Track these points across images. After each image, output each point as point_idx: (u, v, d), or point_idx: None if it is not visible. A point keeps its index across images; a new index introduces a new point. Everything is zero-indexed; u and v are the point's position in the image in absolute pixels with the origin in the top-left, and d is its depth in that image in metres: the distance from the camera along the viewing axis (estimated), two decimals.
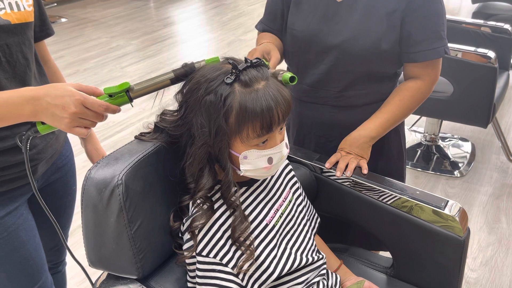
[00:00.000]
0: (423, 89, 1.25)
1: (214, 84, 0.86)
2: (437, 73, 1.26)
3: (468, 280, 1.94)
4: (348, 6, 1.20)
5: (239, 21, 5.26)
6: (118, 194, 0.88)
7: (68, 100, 0.82)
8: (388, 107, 1.26)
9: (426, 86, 1.25)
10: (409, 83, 1.26)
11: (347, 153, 1.25)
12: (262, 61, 0.90)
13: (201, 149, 0.90)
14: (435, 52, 1.20)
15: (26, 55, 1.04)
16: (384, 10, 1.17)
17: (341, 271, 1.16)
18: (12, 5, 0.99)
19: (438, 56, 1.21)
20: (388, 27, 1.18)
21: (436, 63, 1.24)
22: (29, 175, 0.91)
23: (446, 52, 1.21)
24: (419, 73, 1.24)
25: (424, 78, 1.25)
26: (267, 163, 0.91)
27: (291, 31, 1.28)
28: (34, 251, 1.12)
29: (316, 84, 1.29)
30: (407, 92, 1.25)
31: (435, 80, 1.26)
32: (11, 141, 1.02)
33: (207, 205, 0.92)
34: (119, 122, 3.16)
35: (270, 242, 0.97)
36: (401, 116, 1.27)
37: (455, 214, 1.09)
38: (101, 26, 5.16)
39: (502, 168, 2.66)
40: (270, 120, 0.86)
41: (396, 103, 1.25)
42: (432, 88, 1.27)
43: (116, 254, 0.94)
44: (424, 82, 1.25)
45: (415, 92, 1.25)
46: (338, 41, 1.20)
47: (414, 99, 1.26)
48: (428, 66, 1.23)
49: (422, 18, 1.17)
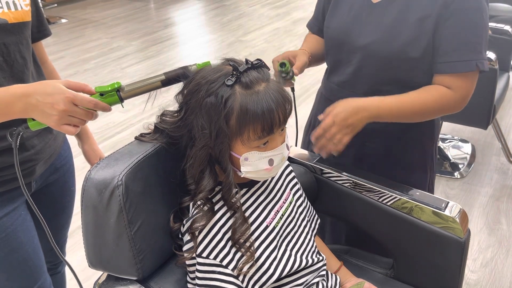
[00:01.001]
0: (449, 98, 1.14)
1: (215, 86, 0.86)
2: (468, 88, 1.14)
3: (468, 282, 1.94)
4: (383, 8, 1.17)
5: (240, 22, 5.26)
6: (118, 195, 0.88)
7: (58, 98, 0.82)
8: (404, 98, 1.15)
9: (454, 97, 1.14)
10: (437, 87, 1.16)
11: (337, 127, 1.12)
12: (263, 63, 0.90)
13: (202, 150, 0.90)
14: (465, 64, 1.11)
15: (24, 54, 1.04)
16: (416, 15, 1.12)
17: (341, 272, 1.16)
18: (10, 4, 0.99)
19: (468, 69, 1.11)
20: (419, 33, 1.12)
21: (467, 76, 1.13)
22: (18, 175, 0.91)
23: (479, 66, 1.11)
24: (449, 84, 1.14)
25: (454, 90, 1.14)
26: (268, 165, 0.91)
27: (327, 30, 1.29)
28: (33, 252, 1.12)
29: (343, 84, 1.28)
30: (430, 92, 1.15)
31: (466, 95, 1.15)
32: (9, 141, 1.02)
33: (207, 206, 0.92)
34: (119, 123, 3.16)
35: (270, 244, 0.97)
36: (413, 113, 1.16)
37: (456, 215, 1.09)
38: (102, 27, 5.17)
39: (502, 170, 2.66)
40: (271, 122, 0.86)
41: (415, 98, 1.15)
42: (462, 104, 1.16)
43: (116, 255, 0.93)
44: (454, 93, 1.14)
45: (440, 97, 1.14)
46: (365, 43, 1.18)
47: (435, 104, 1.15)
48: (458, 79, 1.13)
49: (455, 27, 1.10)
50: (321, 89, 1.41)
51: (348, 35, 1.23)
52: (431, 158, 1.36)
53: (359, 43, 1.20)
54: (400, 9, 1.15)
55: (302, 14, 5.42)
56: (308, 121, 1.48)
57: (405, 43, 1.14)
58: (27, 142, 1.06)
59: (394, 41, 1.15)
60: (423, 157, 1.33)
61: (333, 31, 1.27)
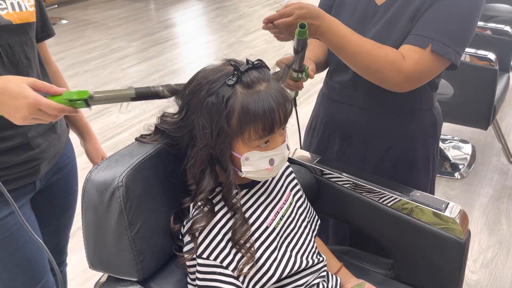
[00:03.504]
0: (398, 62, 1.07)
1: (216, 85, 0.87)
2: (419, 64, 1.07)
3: (469, 282, 1.94)
4: (386, 9, 1.18)
5: (240, 23, 5.27)
6: (118, 196, 0.88)
7: (22, 103, 0.82)
8: (357, 34, 1.11)
9: (402, 66, 1.07)
10: (396, 50, 1.10)
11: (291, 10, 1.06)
12: (263, 63, 0.91)
13: (203, 150, 0.90)
14: (419, 39, 1.07)
15: (28, 55, 1.04)
16: (409, 13, 1.12)
17: (341, 273, 1.16)
18: (14, 5, 1.00)
19: (418, 44, 1.07)
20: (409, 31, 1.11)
21: (422, 53, 1.07)
22: None
23: (433, 47, 1.05)
24: (403, 53, 1.09)
25: (406, 59, 1.08)
26: (269, 165, 0.91)
27: None
28: (36, 251, 1.13)
29: (346, 83, 1.29)
30: (387, 48, 1.10)
31: (413, 71, 1.08)
32: (14, 140, 1.03)
33: (208, 207, 0.92)
34: (120, 124, 3.16)
35: (271, 245, 0.97)
36: (356, 50, 1.09)
37: (456, 216, 1.09)
38: (102, 27, 5.17)
39: (502, 170, 2.66)
40: (272, 122, 0.86)
41: (368, 40, 1.11)
42: (405, 81, 1.09)
43: (116, 256, 0.94)
44: (404, 62, 1.08)
45: (390, 54, 1.08)
46: None
47: (382, 58, 1.08)
48: (412, 51, 1.08)
49: (438, 8, 1.08)
50: (323, 89, 1.42)
51: None
52: (433, 157, 1.36)
53: None
54: (398, 8, 1.15)
55: None
56: (309, 122, 1.48)
57: (400, 37, 1.13)
58: (31, 141, 1.07)
59: (390, 34, 1.15)
60: (425, 156, 1.33)
61: None
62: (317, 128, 1.44)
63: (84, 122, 1.35)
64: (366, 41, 1.11)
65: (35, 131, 1.07)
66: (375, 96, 1.24)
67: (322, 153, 1.41)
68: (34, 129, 1.07)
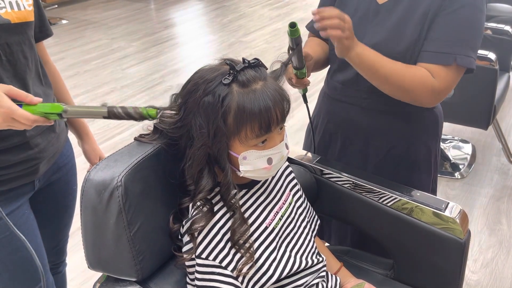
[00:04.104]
0: (429, 82, 1.11)
1: (212, 85, 0.87)
2: (448, 81, 1.11)
3: (469, 282, 1.93)
4: (389, 9, 1.18)
5: (240, 23, 5.27)
6: (117, 196, 0.88)
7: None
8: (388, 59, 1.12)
9: (434, 85, 1.11)
10: (425, 69, 1.12)
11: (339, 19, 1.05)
12: (260, 62, 0.90)
13: (200, 150, 0.90)
14: (443, 56, 1.09)
15: (26, 54, 1.05)
16: (419, 14, 1.12)
17: (341, 273, 1.16)
18: (13, 4, 1.00)
19: (444, 62, 1.09)
20: (421, 31, 1.13)
21: (448, 70, 1.10)
22: None
23: (457, 61, 1.09)
24: (431, 73, 1.12)
25: (436, 79, 1.12)
26: (267, 164, 0.91)
27: None
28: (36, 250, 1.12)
29: (348, 82, 1.28)
30: (417, 68, 1.12)
31: (445, 88, 1.12)
32: (12, 140, 1.03)
33: (207, 207, 0.92)
34: (119, 124, 3.16)
35: (270, 245, 0.96)
36: (388, 74, 1.11)
37: (456, 216, 1.09)
38: (102, 27, 5.17)
39: (502, 170, 2.66)
40: (269, 120, 0.86)
41: (398, 64, 1.12)
42: (438, 96, 1.14)
43: (115, 256, 0.93)
44: (435, 81, 1.11)
45: (421, 76, 1.10)
46: (371, 43, 1.18)
47: (413, 78, 1.11)
48: (439, 69, 1.11)
49: (445, 20, 1.10)
50: (324, 88, 1.41)
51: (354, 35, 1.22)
52: (435, 156, 1.36)
53: (365, 43, 1.20)
54: (405, 9, 1.15)
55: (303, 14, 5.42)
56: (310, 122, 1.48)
57: (410, 43, 1.14)
58: (30, 140, 1.07)
59: (399, 41, 1.15)
60: (427, 155, 1.33)
61: None
62: (318, 127, 1.43)
63: (82, 123, 1.35)
64: (395, 63, 1.13)
65: (33, 131, 1.07)
66: (377, 96, 1.24)
67: (324, 153, 1.41)
68: (33, 129, 1.07)
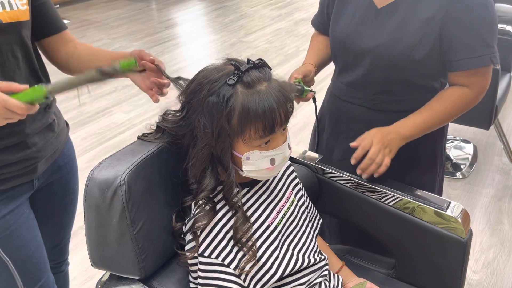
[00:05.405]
0: (468, 97, 1.19)
1: (217, 85, 0.87)
2: (484, 82, 1.19)
3: (470, 282, 1.93)
4: (388, 13, 1.19)
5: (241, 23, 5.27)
6: (120, 195, 0.89)
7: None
8: (427, 111, 1.20)
9: (472, 95, 1.19)
10: (454, 89, 1.20)
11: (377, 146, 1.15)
12: (264, 62, 0.91)
13: (204, 150, 0.90)
14: (479, 59, 1.14)
15: (17, 53, 1.04)
16: (421, 18, 1.14)
17: (343, 272, 1.16)
18: (5, 4, 0.99)
19: (483, 64, 1.14)
20: (423, 36, 1.14)
21: (482, 72, 1.17)
22: None
23: (492, 61, 1.14)
24: (465, 82, 1.18)
25: (471, 87, 1.18)
26: (270, 164, 0.91)
27: (332, 33, 1.30)
28: (36, 249, 1.13)
29: (353, 84, 1.29)
30: (450, 98, 1.20)
31: (482, 90, 1.19)
32: (10, 138, 1.03)
33: (209, 206, 0.92)
34: (122, 123, 3.17)
35: (272, 243, 0.97)
36: (439, 122, 1.21)
37: (457, 215, 1.09)
38: (104, 27, 5.18)
39: (504, 170, 2.66)
40: (272, 121, 0.86)
41: (437, 107, 1.19)
42: (478, 98, 1.21)
43: (118, 254, 0.94)
44: (471, 91, 1.18)
45: (459, 99, 1.19)
46: (372, 46, 1.19)
47: (457, 107, 1.19)
48: (473, 75, 1.16)
49: (464, 25, 1.12)
50: (331, 87, 1.42)
51: (354, 39, 1.23)
52: (441, 155, 1.38)
53: (366, 46, 1.21)
54: (405, 13, 1.16)
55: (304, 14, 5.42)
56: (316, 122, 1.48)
57: (410, 47, 1.15)
58: (28, 139, 1.07)
59: (399, 44, 1.16)
60: (433, 154, 1.35)
61: (339, 35, 1.27)
62: (325, 127, 1.44)
63: None
64: (434, 108, 1.19)
65: (31, 130, 1.07)
66: (383, 97, 1.25)
67: (330, 152, 1.41)
68: (31, 127, 1.07)
